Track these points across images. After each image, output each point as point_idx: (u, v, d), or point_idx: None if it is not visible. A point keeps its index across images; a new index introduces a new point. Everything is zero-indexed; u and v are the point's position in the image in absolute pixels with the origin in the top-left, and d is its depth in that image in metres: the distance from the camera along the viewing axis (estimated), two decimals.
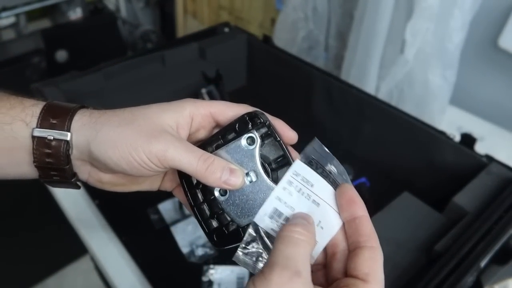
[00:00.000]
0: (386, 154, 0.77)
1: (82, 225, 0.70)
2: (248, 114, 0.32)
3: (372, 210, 0.70)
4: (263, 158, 0.32)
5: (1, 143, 0.30)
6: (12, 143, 0.30)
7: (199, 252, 0.64)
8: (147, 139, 0.29)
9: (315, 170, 0.29)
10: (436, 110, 0.88)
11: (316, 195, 0.29)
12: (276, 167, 0.32)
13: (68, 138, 0.30)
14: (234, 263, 0.30)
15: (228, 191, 0.32)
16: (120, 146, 0.29)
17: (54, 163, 0.30)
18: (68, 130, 0.30)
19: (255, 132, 0.31)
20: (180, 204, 0.70)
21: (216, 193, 0.32)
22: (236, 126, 0.32)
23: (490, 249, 0.48)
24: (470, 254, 0.48)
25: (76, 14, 1.55)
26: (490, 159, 0.63)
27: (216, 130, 0.34)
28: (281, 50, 0.91)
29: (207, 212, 0.33)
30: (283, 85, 0.92)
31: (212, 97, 0.88)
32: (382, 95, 0.91)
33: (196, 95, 0.88)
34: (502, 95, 0.95)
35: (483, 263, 0.46)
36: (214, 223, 0.33)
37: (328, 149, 0.30)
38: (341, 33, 1.09)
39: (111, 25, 1.60)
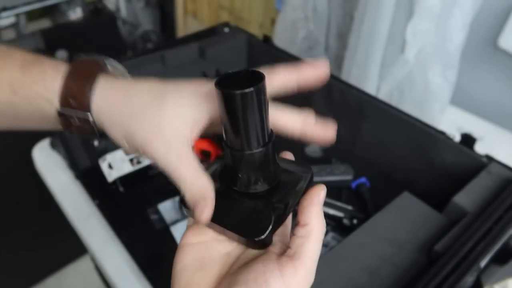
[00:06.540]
0: (386, 154, 0.77)
1: (82, 225, 0.70)
2: None
3: (372, 210, 0.70)
4: None
5: (32, 113, 0.33)
6: (41, 114, 0.33)
7: None
8: (158, 147, 0.30)
9: None
10: (436, 110, 0.88)
11: None
12: None
13: (90, 119, 0.32)
14: None
15: None
16: (135, 139, 0.31)
17: (81, 130, 0.33)
18: (88, 110, 0.31)
19: None
20: (180, 204, 0.70)
21: None
22: None
23: (490, 249, 0.48)
24: (470, 254, 0.48)
25: (76, 14, 1.55)
26: (490, 159, 0.63)
27: None
28: (281, 50, 0.91)
29: None
30: None
31: None
32: (383, 95, 0.91)
33: None
34: (502, 95, 0.95)
35: (483, 263, 0.46)
36: None
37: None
38: (341, 33, 1.09)
39: (111, 25, 1.61)
